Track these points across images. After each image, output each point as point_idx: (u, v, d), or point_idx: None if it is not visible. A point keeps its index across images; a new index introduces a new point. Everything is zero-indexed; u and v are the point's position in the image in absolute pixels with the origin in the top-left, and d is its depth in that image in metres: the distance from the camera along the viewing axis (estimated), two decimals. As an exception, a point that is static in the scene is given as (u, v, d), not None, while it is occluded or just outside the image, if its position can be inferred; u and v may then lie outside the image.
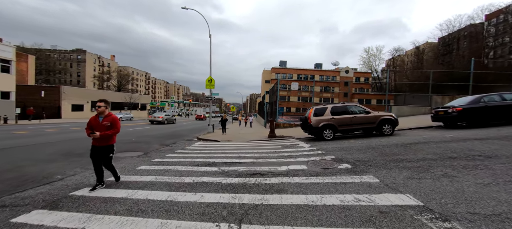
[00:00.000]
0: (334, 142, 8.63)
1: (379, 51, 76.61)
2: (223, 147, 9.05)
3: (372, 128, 9.31)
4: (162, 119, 26.52)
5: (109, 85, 71.13)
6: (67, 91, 31.46)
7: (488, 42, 54.67)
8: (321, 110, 9.53)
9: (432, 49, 72.82)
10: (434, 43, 73.75)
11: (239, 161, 5.87)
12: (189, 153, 7.54)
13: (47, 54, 73.57)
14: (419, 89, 22.06)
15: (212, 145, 10.20)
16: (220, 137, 13.65)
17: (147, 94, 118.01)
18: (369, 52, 76.08)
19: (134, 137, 12.45)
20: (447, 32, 62.16)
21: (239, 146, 9.21)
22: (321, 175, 4.25)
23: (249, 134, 15.16)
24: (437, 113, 10.15)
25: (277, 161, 5.71)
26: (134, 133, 14.73)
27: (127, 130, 16.19)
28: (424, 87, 18.99)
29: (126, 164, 5.75)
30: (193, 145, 10.24)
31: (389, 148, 6.38)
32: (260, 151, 7.53)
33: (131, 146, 9.31)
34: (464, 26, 60.31)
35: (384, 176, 3.90)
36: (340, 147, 7.23)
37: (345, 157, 5.62)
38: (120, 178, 4.28)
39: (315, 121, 9.34)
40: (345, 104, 9.65)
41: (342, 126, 9.28)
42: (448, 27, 61.88)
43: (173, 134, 15.03)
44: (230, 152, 7.69)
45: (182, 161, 6.02)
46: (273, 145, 9.00)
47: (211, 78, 16.68)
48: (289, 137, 11.83)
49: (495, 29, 54.43)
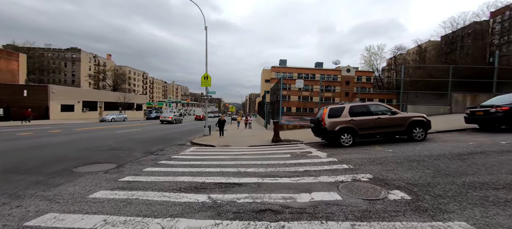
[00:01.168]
0: (355, 149, 7.00)
1: (380, 50, 75.40)
2: (219, 156, 7.41)
3: (398, 132, 7.70)
4: (171, 119, 28.95)
5: (104, 85, 69.20)
6: (55, 90, 29.67)
7: (493, 40, 53.29)
8: (338, 110, 7.90)
9: (434, 48, 71.60)
10: (436, 41, 72.53)
11: (238, 182, 4.23)
12: (175, 166, 5.88)
13: (41, 53, 71.52)
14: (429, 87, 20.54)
15: (206, 152, 8.54)
16: (217, 141, 12.00)
17: (144, 94, 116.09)
18: (371, 50, 74.75)
19: (116, 142, 10.77)
20: (451, 30, 60.77)
21: (238, 154, 7.57)
22: (371, 216, 2.61)
23: (250, 138, 13.51)
24: (473, 113, 8.55)
25: (292, 183, 4.07)
26: (120, 136, 13.05)
27: (113, 133, 14.50)
28: (439, 84, 17.43)
29: (79, 187, 4.09)
30: (184, 152, 8.58)
31: (439, 161, 4.76)
32: (265, 163, 5.89)
33: (106, 154, 7.64)
34: (469, 24, 58.93)
35: (488, 226, 2.27)
36: (368, 158, 5.60)
37: (389, 177, 3.99)
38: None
39: (331, 124, 7.71)
40: (367, 103, 8.02)
41: (364, 130, 7.66)
42: (452, 24, 60.47)
43: (164, 138, 13.35)
44: (227, 163, 6.04)
45: (160, 182, 4.36)
46: (280, 153, 7.36)
47: (207, 75, 15.02)
48: (297, 141, 10.20)
49: (501, 27, 53.05)
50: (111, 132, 14.77)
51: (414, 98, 16.96)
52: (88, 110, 34.87)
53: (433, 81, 17.14)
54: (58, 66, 72.95)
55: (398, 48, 74.70)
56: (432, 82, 17.05)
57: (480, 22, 57.51)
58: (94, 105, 36.69)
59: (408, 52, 78.21)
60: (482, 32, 55.32)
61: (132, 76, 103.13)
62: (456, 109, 14.78)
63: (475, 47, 55.92)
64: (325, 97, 65.94)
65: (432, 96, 17.37)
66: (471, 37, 60.64)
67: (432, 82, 17.05)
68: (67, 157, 6.99)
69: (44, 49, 74.37)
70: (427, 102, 17.07)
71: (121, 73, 71.71)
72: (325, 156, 6.37)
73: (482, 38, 54.37)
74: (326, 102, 65.34)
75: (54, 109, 29.35)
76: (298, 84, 15.54)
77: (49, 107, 28.69)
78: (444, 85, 15.59)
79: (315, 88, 67.25)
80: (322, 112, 8.00)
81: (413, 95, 17.15)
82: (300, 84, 15.49)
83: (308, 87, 67.53)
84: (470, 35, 61.36)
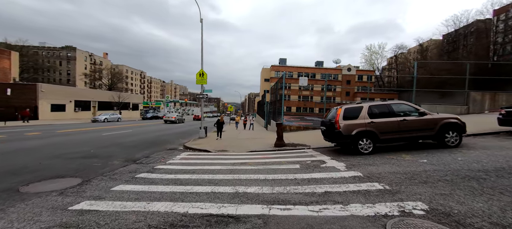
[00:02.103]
0: (378, 158, 5.76)
1: (381, 49, 74.38)
2: (214, 165, 6.15)
3: (426, 136, 6.48)
4: (175, 119, 29.35)
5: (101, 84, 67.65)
6: (45, 89, 28.22)
7: (497, 38, 52.25)
8: (355, 110, 6.66)
9: (436, 46, 70.70)
10: (438, 40, 71.63)
11: (235, 213, 2.97)
12: (155, 182, 4.62)
13: (35, 52, 69.86)
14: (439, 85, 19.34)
15: (199, 159, 7.27)
16: (213, 144, 10.73)
17: (142, 93, 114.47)
18: (371, 49, 73.79)
19: (97, 146, 9.46)
20: (453, 28, 59.79)
21: (236, 163, 6.31)
22: None
23: (249, 141, 12.25)
24: (510, 114, 7.34)
25: (312, 215, 2.81)
26: (105, 140, 11.76)
27: (98, 136, 13.20)
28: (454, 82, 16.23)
29: (2, 224, 2.83)
30: (173, 159, 7.31)
31: (506, 179, 3.53)
32: (270, 178, 4.64)
33: (76, 164, 6.35)
34: (472, 22, 57.97)
35: None
36: (402, 173, 4.36)
37: (454, 209, 2.74)
38: None
39: (346, 127, 6.46)
40: (389, 103, 6.78)
41: (386, 134, 6.41)
42: (454, 23, 59.48)
43: (155, 141, 12.07)
44: (222, 178, 4.79)
45: (124, 213, 3.10)
46: (286, 163, 6.11)
47: (203, 72, 13.74)
48: (303, 146, 8.95)
49: (505, 25, 52.01)
50: (96, 135, 13.45)
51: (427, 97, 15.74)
52: (80, 110, 33.43)
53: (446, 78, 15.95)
54: (53, 65, 71.25)
55: (399, 47, 73.77)
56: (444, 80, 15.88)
57: (483, 20, 56.55)
58: (87, 105, 35.25)
59: (409, 51, 77.38)
60: (486, 31, 54.29)
61: (130, 75, 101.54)
62: (474, 109, 13.61)
63: (478, 45, 54.92)
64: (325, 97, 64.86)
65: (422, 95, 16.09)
66: (474, 36, 59.67)
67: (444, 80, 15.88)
68: (25, 168, 5.70)
69: (38, 48, 72.72)
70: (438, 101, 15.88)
71: (117, 72, 70.14)
72: (343, 168, 5.13)
73: (486, 36, 53.32)
74: (327, 102, 64.23)
75: (44, 109, 27.92)
76: (302, 82, 14.29)
77: (38, 107, 27.26)
78: (459, 83, 14.40)
79: (315, 88, 66.18)
80: (336, 113, 6.75)
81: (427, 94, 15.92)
82: (303, 82, 14.25)
83: (309, 86, 66.37)
84: (472, 33, 60.41)
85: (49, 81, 69.12)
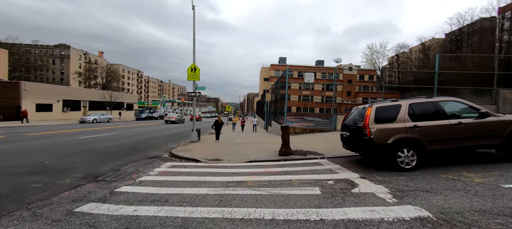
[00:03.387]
0: (428, 177, 4.05)
1: (382, 48, 72.96)
2: (198, 187, 4.40)
3: (489, 145, 4.79)
4: (175, 119, 29.95)
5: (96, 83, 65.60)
6: (29, 88, 26.32)
7: (503, 36, 50.78)
8: (390, 110, 4.94)
9: (439, 45, 69.47)
10: (441, 39, 70.41)
11: None
12: (94, 226, 2.88)
13: (27, 50, 67.67)
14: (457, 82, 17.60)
15: (181, 175, 5.52)
16: (205, 151, 8.98)
17: (139, 93, 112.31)
18: (372, 48, 72.42)
19: (57, 156, 7.66)
20: (457, 26, 58.45)
21: (230, 184, 4.57)
22: None
23: (249, 147, 10.52)
24: None
25: None
26: (78, 145, 9.99)
27: (73, 140, 11.42)
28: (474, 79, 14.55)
29: None
30: (147, 175, 5.55)
31: None
32: (281, 218, 2.90)
33: (9, 184, 4.59)
34: (476, 20, 56.63)
35: None
36: (495, 211, 2.65)
37: None
38: None
39: (380, 133, 4.74)
40: (436, 99, 5.06)
41: (436, 143, 4.70)
42: (458, 21, 58.11)
43: (137, 146, 10.30)
44: (206, 215, 3.04)
45: None
46: (301, 184, 4.37)
47: (195, 66, 12.00)
48: (314, 154, 7.23)
49: (510, 23, 50.59)
50: (70, 139, 11.65)
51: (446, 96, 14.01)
52: (69, 110, 31.54)
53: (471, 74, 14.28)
54: (46, 64, 69.04)
55: (400, 46, 72.51)
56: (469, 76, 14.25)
57: (488, 18, 55.22)
58: (77, 104, 33.36)
59: (411, 50, 76.15)
60: (491, 29, 52.90)
61: (126, 74, 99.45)
62: (504, 109, 11.94)
63: (483, 44, 53.57)
64: (326, 97, 63.37)
65: (463, 93, 14.46)
66: (478, 34, 58.35)
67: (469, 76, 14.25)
68: None
69: (31, 46, 70.56)
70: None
71: (112, 71, 68.12)
72: (389, 197, 3.41)
73: (492, 34, 51.93)
74: (328, 102, 62.59)
75: (28, 108, 25.96)
76: (307, 78, 12.61)
77: (21, 107, 25.35)
78: (486, 79, 12.74)
79: (316, 87, 64.61)
80: (365, 114, 5.01)
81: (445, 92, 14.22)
82: (309, 78, 12.57)
83: (309, 86, 64.73)
84: (476, 32, 59.09)
85: (41, 80, 67.05)
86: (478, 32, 58.02)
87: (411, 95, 19.60)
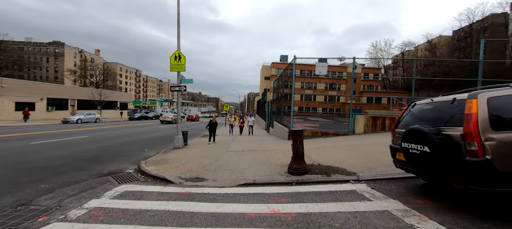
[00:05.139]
0: None
1: (387, 46, 70.60)
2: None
3: None
4: (171, 119, 29.33)
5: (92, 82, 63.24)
6: (6, 85, 23.93)
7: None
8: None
9: (446, 43, 66.96)
10: (448, 36, 67.97)
11: None
12: None
13: (20, 47, 65.41)
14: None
15: (120, 220, 3.13)
16: (186, 164, 6.56)
17: (137, 92, 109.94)
18: (377, 46, 70.10)
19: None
20: (467, 23, 55.96)
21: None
22: None
23: (245, 156, 8.09)
24: None
25: None
26: (12, 155, 7.62)
27: (16, 145, 9.04)
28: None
29: None
30: (68, 214, 3.16)
31: None
32: None
33: None
34: (486, 16, 54.15)
35: None
36: None
37: None
38: None
39: (507, 150, 2.33)
40: None
41: None
42: (468, 17, 55.62)
43: (99, 155, 7.91)
44: None
45: None
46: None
47: (180, 54, 9.61)
48: (343, 174, 4.82)
49: (523, 19, 48.00)
50: (17, 144, 9.25)
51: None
52: (55, 109, 29.19)
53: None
54: (39, 62, 66.77)
55: (406, 44, 70.16)
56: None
57: (499, 14, 52.76)
58: (64, 103, 31.00)
59: (417, 48, 73.73)
60: (503, 26, 50.39)
61: (124, 73, 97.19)
62: None
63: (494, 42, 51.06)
64: (329, 96, 60.94)
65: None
66: (488, 31, 55.83)
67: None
68: None
69: (24, 43, 68.30)
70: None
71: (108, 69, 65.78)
72: None
73: (506, 31, 49.41)
74: (331, 101, 60.12)
75: (5, 107, 23.67)
76: (319, 69, 10.23)
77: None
78: None
79: (318, 86, 62.21)
80: (463, 112, 2.60)
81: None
82: (322, 69, 10.18)
83: (311, 85, 62.28)
84: (486, 29, 56.57)
85: (35, 79, 64.81)
86: (489, 28, 55.51)
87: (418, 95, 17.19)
